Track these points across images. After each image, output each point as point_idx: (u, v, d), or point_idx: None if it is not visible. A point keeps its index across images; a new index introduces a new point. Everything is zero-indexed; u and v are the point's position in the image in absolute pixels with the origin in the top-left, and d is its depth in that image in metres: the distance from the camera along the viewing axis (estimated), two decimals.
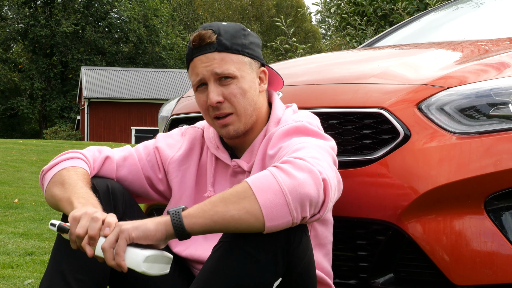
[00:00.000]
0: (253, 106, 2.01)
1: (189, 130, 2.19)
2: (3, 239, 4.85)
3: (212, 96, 1.97)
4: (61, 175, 1.99)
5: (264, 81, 2.07)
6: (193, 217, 1.69)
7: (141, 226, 1.69)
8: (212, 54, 1.98)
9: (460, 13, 3.92)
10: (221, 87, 1.98)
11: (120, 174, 2.12)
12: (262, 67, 2.08)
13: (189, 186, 2.11)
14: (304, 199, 1.67)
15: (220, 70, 1.97)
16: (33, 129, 46.23)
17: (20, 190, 8.27)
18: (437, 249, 2.06)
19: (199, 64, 1.99)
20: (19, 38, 44.47)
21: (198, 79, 2.00)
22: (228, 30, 2.01)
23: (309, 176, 1.69)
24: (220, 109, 1.98)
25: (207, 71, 1.98)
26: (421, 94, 2.19)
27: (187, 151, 2.14)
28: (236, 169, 2.05)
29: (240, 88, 1.98)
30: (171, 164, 2.13)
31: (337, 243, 2.22)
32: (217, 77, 1.98)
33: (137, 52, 45.07)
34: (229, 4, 52.00)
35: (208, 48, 1.98)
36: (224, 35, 1.99)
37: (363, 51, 3.27)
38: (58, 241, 1.95)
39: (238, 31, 2.02)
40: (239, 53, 2.00)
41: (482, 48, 2.76)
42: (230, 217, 1.67)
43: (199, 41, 1.98)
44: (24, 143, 17.98)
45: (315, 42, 48.00)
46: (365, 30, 7.31)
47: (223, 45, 1.98)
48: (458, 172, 2.05)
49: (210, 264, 1.76)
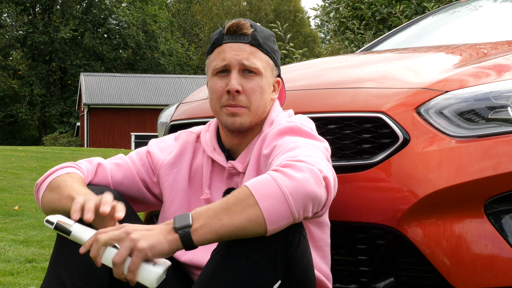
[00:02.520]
0: (264, 108, 2.05)
1: (182, 134, 2.20)
2: (3, 246, 4.85)
3: (234, 83, 1.99)
4: (56, 181, 1.99)
5: (276, 91, 2.12)
6: (201, 234, 1.67)
7: (157, 245, 1.66)
8: (245, 45, 2.02)
9: (458, 17, 3.93)
10: (243, 79, 2.01)
11: (115, 179, 2.12)
12: (278, 77, 2.12)
13: (181, 189, 2.11)
14: (306, 200, 1.68)
15: (248, 62, 2.00)
16: (32, 136, 46.22)
17: (20, 197, 8.26)
18: (438, 253, 2.06)
19: (229, 50, 2.02)
20: (18, 45, 44.50)
21: (223, 64, 2.02)
22: (263, 30, 2.07)
23: (311, 175, 1.70)
24: (235, 99, 2.00)
25: (235, 60, 2.00)
26: (420, 98, 2.19)
27: (178, 154, 2.14)
28: (232, 171, 2.06)
29: (260, 86, 2.02)
30: (162, 168, 2.14)
31: (338, 248, 2.22)
32: (243, 68, 2.01)
33: (136, 58, 45.08)
34: (227, 10, 52.04)
35: (242, 38, 2.02)
36: (259, 33, 2.05)
37: (362, 55, 3.27)
38: (57, 248, 1.95)
39: (270, 35, 2.10)
40: (267, 54, 2.05)
41: (481, 52, 2.76)
42: (234, 228, 1.67)
43: (236, 29, 2.02)
44: (24, 150, 17.97)
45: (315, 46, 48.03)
46: (363, 34, 7.32)
47: (256, 40, 2.03)
48: (457, 175, 2.05)
49: (209, 268, 1.76)
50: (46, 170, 12.16)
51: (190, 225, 1.68)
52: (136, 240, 1.65)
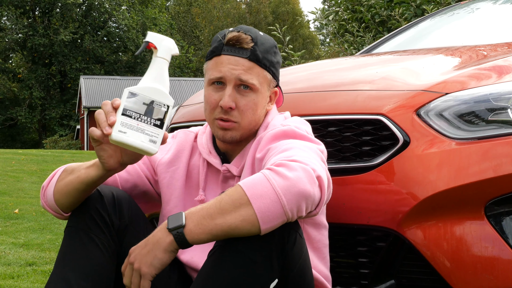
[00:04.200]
0: (256, 122, 2.04)
1: (180, 134, 2.21)
2: (3, 249, 4.85)
3: (228, 100, 1.98)
4: (66, 170, 2.02)
5: (272, 101, 2.11)
6: (195, 234, 1.71)
7: (155, 262, 1.77)
8: (243, 60, 2.00)
9: (457, 19, 3.93)
10: (237, 95, 2.00)
11: (120, 176, 2.13)
12: (275, 88, 2.10)
13: (178, 187, 2.12)
14: (299, 199, 1.69)
15: (245, 78, 1.99)
16: (32, 139, 46.21)
17: (21, 200, 8.26)
18: (438, 255, 2.06)
19: (227, 63, 2.00)
20: (18, 48, 44.49)
21: (219, 76, 2.01)
22: (264, 43, 2.03)
23: (304, 174, 1.71)
24: (227, 115, 2.00)
25: (232, 74, 1.99)
26: (420, 100, 2.20)
27: (176, 153, 2.15)
28: (227, 174, 2.07)
29: (254, 102, 2.01)
30: (160, 166, 2.15)
31: (338, 250, 2.22)
32: (239, 83, 2.00)
33: (136, 60, 45.07)
34: (227, 12, 52.07)
35: (241, 52, 2.00)
36: (259, 47, 2.01)
37: (362, 58, 3.28)
38: (63, 248, 1.96)
39: (272, 47, 2.06)
40: (266, 68, 2.03)
41: (480, 54, 2.76)
42: (227, 227, 1.69)
43: (235, 42, 2.00)
44: (24, 153, 17.97)
45: (313, 48, 48.05)
46: (363, 36, 7.33)
47: (255, 56, 2.00)
48: (458, 177, 2.05)
49: (207, 268, 1.77)
50: (46, 173, 12.18)
51: (183, 225, 1.71)
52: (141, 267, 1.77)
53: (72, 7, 43.32)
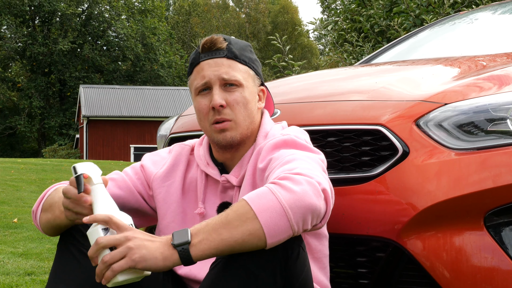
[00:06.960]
0: (251, 119, 2.04)
1: (175, 147, 2.20)
2: (2, 259, 4.84)
3: (217, 98, 1.99)
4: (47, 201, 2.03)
5: (262, 100, 2.11)
6: (200, 250, 1.67)
7: (149, 260, 1.66)
8: (221, 59, 2.02)
9: (456, 29, 3.94)
10: (225, 93, 2.01)
11: (112, 192, 2.10)
12: (261, 86, 2.12)
13: (174, 201, 2.11)
14: (306, 213, 1.68)
15: (228, 76, 2.01)
16: (32, 148, 46.21)
17: (20, 210, 8.24)
18: (437, 266, 2.06)
19: (207, 67, 2.02)
20: (17, 57, 44.58)
21: (204, 82, 2.02)
22: (238, 42, 2.07)
23: (309, 188, 1.70)
24: (221, 114, 2.00)
25: (214, 75, 2.01)
26: (419, 110, 2.20)
27: (171, 167, 2.14)
28: (226, 184, 2.06)
29: (243, 97, 2.02)
30: (155, 181, 2.14)
31: (337, 261, 2.22)
32: (223, 82, 2.01)
33: (135, 69, 45.14)
34: (226, 22, 52.20)
35: (218, 53, 2.03)
36: (234, 45, 2.05)
37: (361, 68, 3.28)
38: (57, 260, 1.96)
39: (246, 46, 2.10)
40: (246, 64, 2.05)
41: (480, 64, 2.77)
42: (234, 242, 1.67)
43: (210, 45, 2.03)
44: (23, 162, 17.96)
45: (312, 57, 48.12)
46: (362, 46, 7.34)
47: (232, 53, 2.03)
48: (457, 188, 2.05)
49: (208, 282, 1.75)
50: (45, 182, 12.17)
51: (189, 241, 1.67)
52: (131, 249, 1.66)
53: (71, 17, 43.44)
